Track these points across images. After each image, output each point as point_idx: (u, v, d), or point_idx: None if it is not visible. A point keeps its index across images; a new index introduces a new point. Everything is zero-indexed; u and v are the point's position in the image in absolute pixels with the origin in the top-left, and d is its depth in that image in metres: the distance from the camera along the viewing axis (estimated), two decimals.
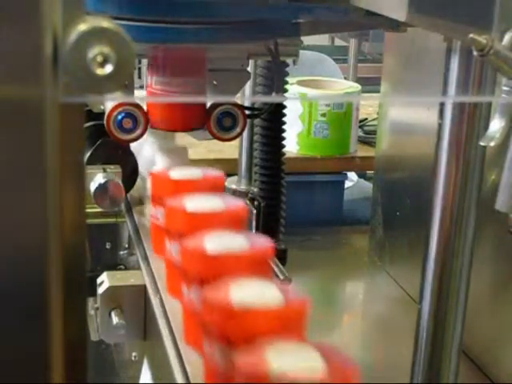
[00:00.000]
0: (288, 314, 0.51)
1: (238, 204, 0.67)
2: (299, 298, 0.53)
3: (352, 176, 1.74)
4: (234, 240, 0.60)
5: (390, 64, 1.33)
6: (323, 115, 1.49)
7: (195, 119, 0.82)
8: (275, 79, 0.92)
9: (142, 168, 0.94)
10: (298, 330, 0.52)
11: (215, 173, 0.73)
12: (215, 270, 0.56)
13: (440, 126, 0.64)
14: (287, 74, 0.97)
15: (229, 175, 1.09)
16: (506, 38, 0.52)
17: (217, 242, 0.59)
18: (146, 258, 0.80)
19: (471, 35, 0.52)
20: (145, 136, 0.82)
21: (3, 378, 0.39)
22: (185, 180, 0.71)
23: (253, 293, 0.52)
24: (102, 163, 0.90)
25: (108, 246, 0.95)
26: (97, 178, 0.86)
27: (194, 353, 0.60)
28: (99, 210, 0.86)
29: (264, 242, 0.60)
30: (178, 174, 0.72)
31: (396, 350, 1.05)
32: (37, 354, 0.39)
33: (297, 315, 0.52)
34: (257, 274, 0.56)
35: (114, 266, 0.91)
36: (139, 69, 1.14)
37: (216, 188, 0.71)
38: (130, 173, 0.94)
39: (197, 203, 0.66)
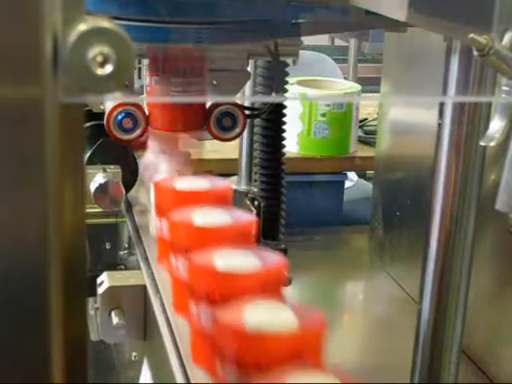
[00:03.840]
0: (304, 338, 0.49)
1: (247, 218, 0.64)
2: (315, 319, 0.51)
3: (352, 176, 1.74)
4: (245, 257, 0.57)
5: (390, 64, 1.32)
6: (323, 115, 1.49)
7: (195, 119, 0.82)
8: (275, 79, 0.92)
9: (144, 173, 0.94)
10: (315, 352, 0.50)
11: (223, 183, 0.70)
12: (225, 288, 0.54)
13: (440, 126, 0.64)
14: (287, 74, 0.97)
15: (229, 175, 1.09)
16: (506, 37, 0.52)
17: (226, 259, 0.56)
18: (145, 258, 0.80)
19: (471, 35, 0.52)
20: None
21: (3, 378, 0.39)
22: (191, 191, 0.68)
23: (266, 315, 0.50)
24: (102, 163, 0.90)
25: (108, 246, 0.95)
26: (97, 178, 0.86)
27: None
28: (99, 210, 0.86)
29: (276, 260, 0.57)
30: (184, 184, 0.69)
31: (396, 350, 1.05)
32: (37, 353, 0.39)
33: (313, 338, 0.50)
34: (268, 293, 0.54)
35: (114, 266, 0.91)
36: (139, 69, 1.14)
37: (224, 200, 0.68)
38: (130, 173, 0.94)
39: (204, 217, 0.63)
